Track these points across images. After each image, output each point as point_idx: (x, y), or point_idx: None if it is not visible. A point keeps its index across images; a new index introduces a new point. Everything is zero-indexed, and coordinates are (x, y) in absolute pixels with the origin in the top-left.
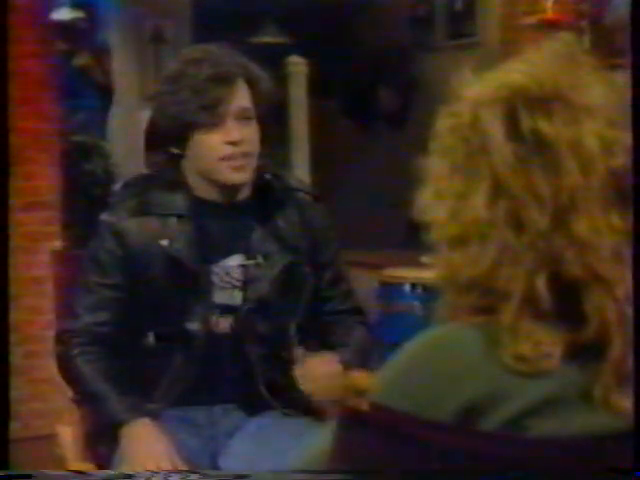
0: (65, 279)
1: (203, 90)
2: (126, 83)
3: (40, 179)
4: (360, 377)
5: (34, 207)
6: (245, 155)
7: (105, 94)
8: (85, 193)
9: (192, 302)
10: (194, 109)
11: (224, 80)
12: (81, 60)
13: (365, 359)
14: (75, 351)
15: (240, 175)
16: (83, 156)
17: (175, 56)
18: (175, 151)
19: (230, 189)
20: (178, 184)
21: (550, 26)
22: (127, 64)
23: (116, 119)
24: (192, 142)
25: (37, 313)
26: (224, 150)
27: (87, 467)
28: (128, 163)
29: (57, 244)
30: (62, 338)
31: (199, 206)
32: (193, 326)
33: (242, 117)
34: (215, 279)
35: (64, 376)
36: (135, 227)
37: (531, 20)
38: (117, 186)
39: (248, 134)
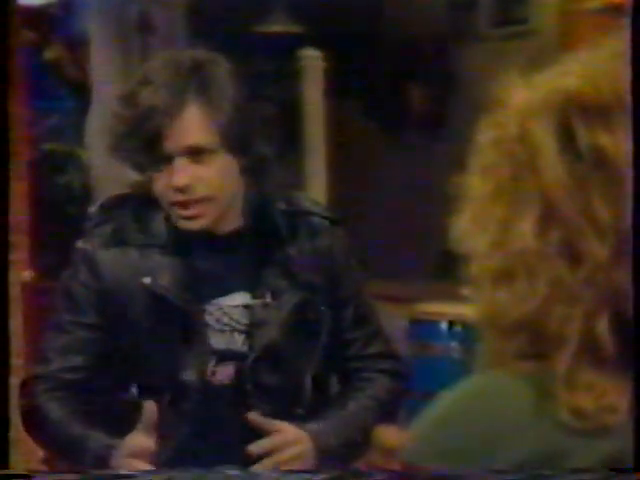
0: (35, 316)
1: (140, 125)
2: (106, 81)
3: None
4: (389, 433)
5: None
6: (199, 201)
7: (81, 93)
8: (58, 212)
9: (183, 348)
10: (132, 148)
11: (169, 109)
12: (53, 53)
13: (393, 412)
14: (42, 398)
15: (195, 223)
16: (55, 167)
17: (164, 49)
18: (146, 174)
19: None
20: (158, 207)
21: (617, 10)
22: (108, 58)
23: (95, 123)
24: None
25: None
26: (172, 197)
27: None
28: (110, 176)
29: (26, 274)
30: (29, 385)
31: (183, 236)
32: (185, 376)
33: (193, 152)
34: (211, 321)
35: (31, 432)
36: (112, 258)
37: (594, 3)
38: (93, 208)
39: (203, 174)
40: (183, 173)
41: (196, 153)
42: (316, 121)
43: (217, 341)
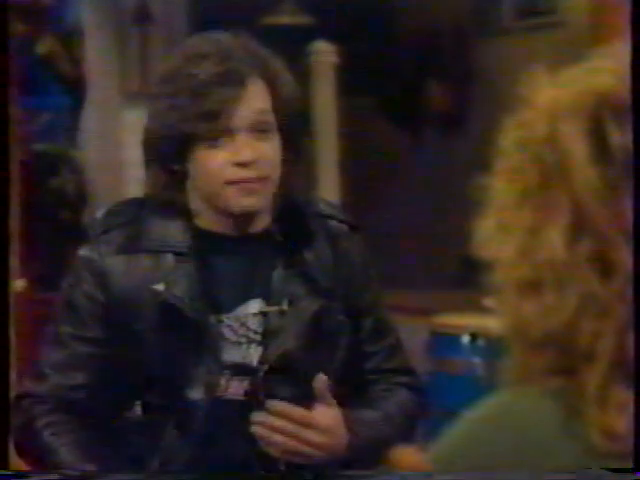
0: (29, 328)
1: (205, 93)
2: (103, 76)
3: None
4: (407, 453)
5: None
6: (259, 179)
7: (76, 89)
8: (51, 217)
9: (194, 363)
10: (193, 118)
11: (232, 80)
12: (45, 47)
13: (410, 430)
14: (39, 422)
15: (250, 200)
16: (48, 170)
17: (165, 41)
18: (175, 168)
19: (241, 218)
20: (178, 211)
21: None
22: (104, 51)
23: (90, 122)
24: (194, 158)
25: None
26: (231, 173)
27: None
28: (106, 179)
29: (19, 284)
30: (22, 404)
31: (204, 240)
32: (194, 394)
33: (257, 129)
34: (227, 332)
35: (24, 454)
36: (122, 267)
37: None
38: (100, 213)
39: (265, 152)
40: (249, 148)
41: (260, 128)
42: (327, 120)
43: (232, 354)
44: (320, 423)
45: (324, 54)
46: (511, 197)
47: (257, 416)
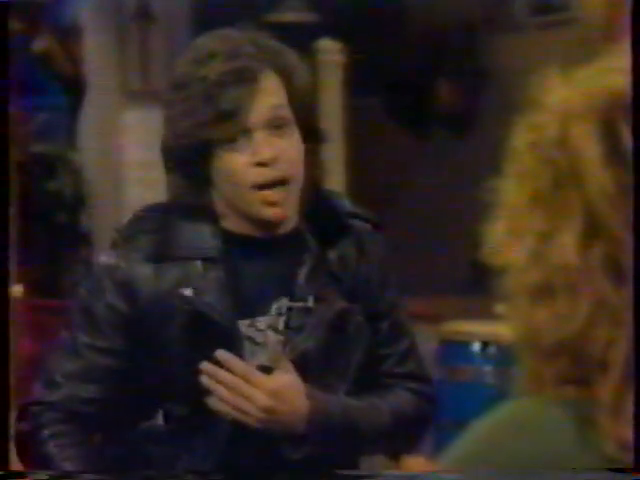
0: (29, 334)
1: (217, 94)
2: (102, 75)
3: None
4: (415, 463)
5: None
6: (283, 181)
7: (74, 89)
8: (48, 220)
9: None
10: (207, 121)
11: (244, 77)
12: (42, 45)
13: (417, 437)
14: (46, 431)
15: (277, 211)
16: (45, 171)
17: (166, 38)
18: (197, 173)
19: (269, 223)
20: (204, 215)
21: None
22: (103, 50)
23: (89, 122)
24: (214, 163)
25: None
26: (254, 175)
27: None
28: (105, 180)
29: (17, 290)
30: (31, 410)
31: (232, 243)
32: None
33: (274, 125)
34: (258, 337)
35: (26, 460)
36: (150, 274)
37: None
38: (125, 220)
39: (285, 149)
40: (267, 146)
41: (277, 124)
42: (333, 121)
43: (259, 356)
44: (266, 384)
45: (330, 52)
46: (522, 201)
47: (204, 365)
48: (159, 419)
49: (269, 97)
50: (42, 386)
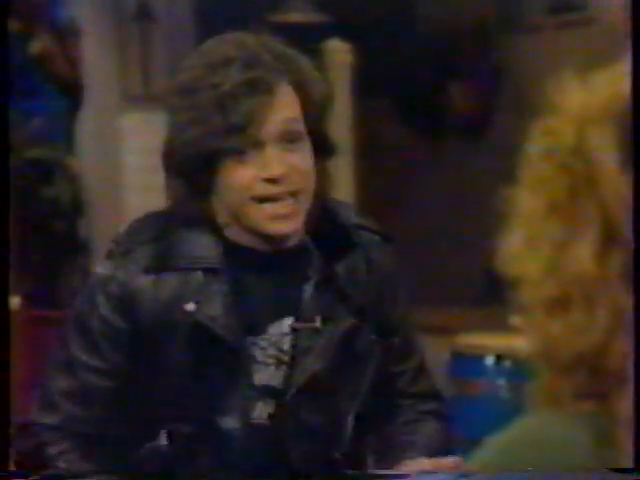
0: (27, 348)
1: (230, 104)
2: (101, 76)
3: None
4: (416, 463)
5: None
6: (293, 195)
7: (72, 92)
8: (45, 228)
9: (227, 388)
10: (219, 132)
11: (260, 88)
12: (39, 45)
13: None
14: (52, 450)
15: (283, 226)
16: (42, 177)
17: (168, 40)
18: (199, 181)
19: (273, 238)
20: (205, 224)
21: None
22: (103, 51)
23: (88, 126)
24: (219, 173)
25: None
26: (260, 189)
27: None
28: (105, 187)
29: (15, 302)
30: (31, 430)
31: (235, 254)
32: (227, 422)
33: (287, 139)
34: (259, 354)
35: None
36: (150, 287)
37: None
38: (122, 229)
39: (296, 164)
40: (278, 161)
41: (289, 138)
42: (342, 124)
43: (261, 376)
44: None
45: (338, 53)
46: (538, 209)
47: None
48: (162, 439)
49: (283, 110)
50: (39, 406)
